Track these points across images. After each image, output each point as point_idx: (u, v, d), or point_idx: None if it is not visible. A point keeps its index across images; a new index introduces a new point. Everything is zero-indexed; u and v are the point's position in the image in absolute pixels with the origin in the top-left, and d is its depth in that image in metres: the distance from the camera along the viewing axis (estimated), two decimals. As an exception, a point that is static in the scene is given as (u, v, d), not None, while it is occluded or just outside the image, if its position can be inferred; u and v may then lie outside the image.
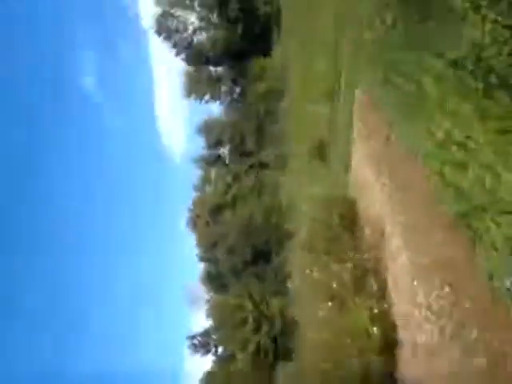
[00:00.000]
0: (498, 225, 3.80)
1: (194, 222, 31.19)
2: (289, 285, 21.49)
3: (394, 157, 8.48)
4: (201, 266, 32.45)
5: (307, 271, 11.36)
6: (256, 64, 28.03)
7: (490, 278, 4.05)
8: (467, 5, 4.20)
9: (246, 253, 26.37)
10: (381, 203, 9.57)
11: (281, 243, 24.14)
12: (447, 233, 5.54)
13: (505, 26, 3.72)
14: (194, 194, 32.91)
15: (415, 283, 7.14)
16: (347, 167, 13.08)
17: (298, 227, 18.21)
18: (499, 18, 3.77)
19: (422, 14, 5.92)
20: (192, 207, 31.69)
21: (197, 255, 32.05)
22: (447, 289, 5.63)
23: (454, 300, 5.54)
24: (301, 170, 21.31)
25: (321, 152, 16.77)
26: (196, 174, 33.61)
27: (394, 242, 8.48)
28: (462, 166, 4.52)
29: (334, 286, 10.17)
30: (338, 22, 13.36)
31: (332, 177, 15.30)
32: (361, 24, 10.17)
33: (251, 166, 29.31)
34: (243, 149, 30.27)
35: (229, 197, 28.06)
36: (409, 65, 6.67)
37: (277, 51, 28.27)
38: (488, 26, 3.89)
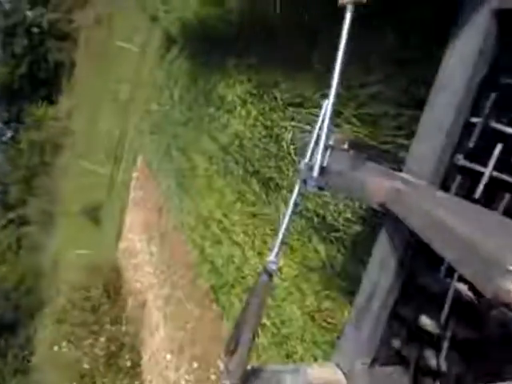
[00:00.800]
0: (241, 301, 4.05)
1: None
2: (33, 362, 18.61)
3: (165, 227, 8.57)
4: None
5: (55, 348, 10.10)
6: (36, 110, 25.80)
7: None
8: (236, 98, 4.74)
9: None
10: (147, 274, 9.44)
11: (32, 313, 21.13)
12: (201, 308, 5.68)
13: (263, 124, 4.21)
14: None
15: (168, 358, 7.04)
16: (119, 234, 12.69)
17: (55, 295, 16.39)
18: (259, 117, 4.26)
19: (205, 98, 6.37)
20: None
21: None
22: (195, 364, 5.66)
23: (200, 376, 5.59)
24: (70, 231, 19.70)
25: (95, 215, 15.93)
26: None
27: (154, 316, 8.33)
28: (218, 243, 4.82)
29: (85, 363, 9.30)
30: (132, 85, 13.49)
31: (103, 242, 14.56)
32: (152, 93, 10.49)
33: (11, 221, 25.70)
34: (4, 199, 26.54)
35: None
36: (187, 141, 7.02)
37: (62, 102, 26.75)
38: (250, 121, 4.38)
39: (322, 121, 1.44)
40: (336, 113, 2.93)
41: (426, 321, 1.69)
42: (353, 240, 2.92)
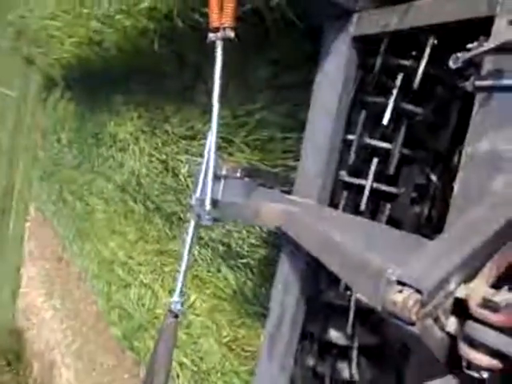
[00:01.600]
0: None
1: None
2: None
3: (67, 278, 7.99)
4: None
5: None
6: None
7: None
8: (128, 136, 4.62)
9: None
10: (52, 331, 8.67)
11: None
12: (116, 358, 5.33)
13: (158, 159, 4.15)
14: None
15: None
16: (15, 292, 11.56)
17: None
18: (153, 152, 4.19)
19: (96, 138, 6.13)
20: None
21: None
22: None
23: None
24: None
25: (-16, 275, 14.36)
26: None
27: (64, 375, 7.64)
28: (125, 286, 4.58)
29: None
30: (13, 132, 12.55)
31: (-3, 304, 13.15)
32: (37, 138, 9.87)
33: None
34: None
35: None
36: (81, 185, 6.67)
37: None
38: (145, 157, 4.29)
39: (208, 152, 1.44)
40: (227, 141, 2.98)
41: (334, 334, 1.74)
42: (259, 264, 2.95)
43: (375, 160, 1.73)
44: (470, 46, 1.25)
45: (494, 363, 0.84)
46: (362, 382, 1.74)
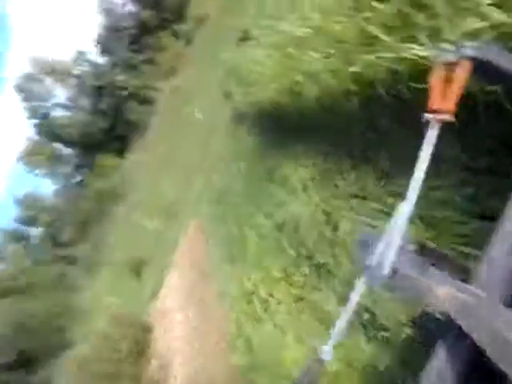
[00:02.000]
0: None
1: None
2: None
3: (206, 294, 8.53)
4: None
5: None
6: (106, 161, 27.68)
7: None
8: (298, 181, 4.89)
9: (9, 354, 22.07)
10: (177, 339, 9.28)
11: (54, 353, 20.97)
12: (229, 385, 5.46)
13: (323, 210, 4.29)
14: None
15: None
16: (157, 290, 12.74)
17: (82, 339, 16.33)
18: (319, 202, 4.35)
19: (269, 176, 6.57)
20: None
21: None
22: None
23: None
24: (111, 278, 20.04)
25: (138, 268, 16.22)
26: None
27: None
28: (258, 321, 4.74)
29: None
30: (200, 154, 14.09)
31: (140, 296, 14.65)
32: (217, 163, 10.92)
33: (62, 257, 26.68)
34: (58, 237, 27.81)
35: (21, 282, 24.46)
36: (243, 214, 7.18)
37: (131, 158, 28.46)
38: (310, 205, 4.47)
39: (399, 220, 1.48)
40: (400, 211, 2.95)
41: None
42: (401, 343, 2.81)
43: None
44: None
45: None
46: None
